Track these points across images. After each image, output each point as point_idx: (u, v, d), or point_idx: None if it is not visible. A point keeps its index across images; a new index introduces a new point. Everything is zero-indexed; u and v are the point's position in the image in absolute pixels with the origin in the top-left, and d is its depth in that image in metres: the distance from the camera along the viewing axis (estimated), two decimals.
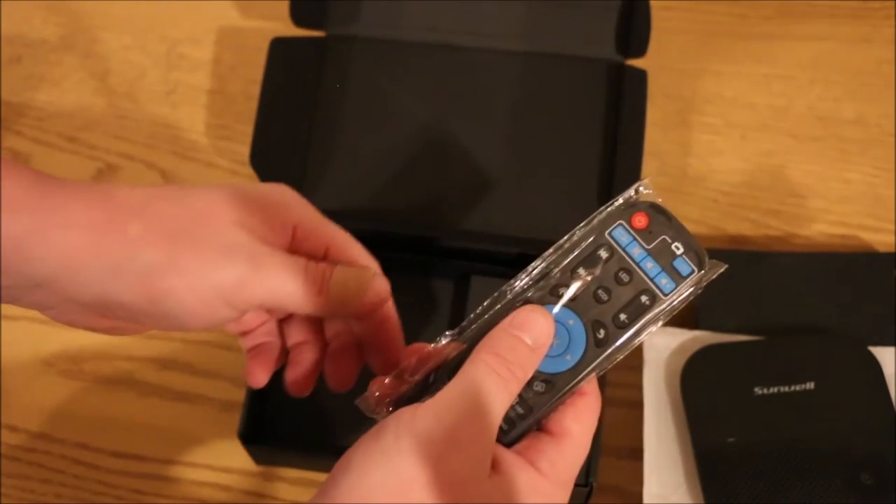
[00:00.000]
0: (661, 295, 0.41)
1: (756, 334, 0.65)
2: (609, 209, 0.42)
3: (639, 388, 0.64)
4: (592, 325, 0.41)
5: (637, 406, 0.63)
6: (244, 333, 0.50)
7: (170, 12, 0.79)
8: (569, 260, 0.41)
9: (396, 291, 0.68)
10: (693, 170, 0.73)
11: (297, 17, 0.72)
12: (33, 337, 0.69)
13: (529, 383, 0.40)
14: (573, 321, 0.41)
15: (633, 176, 0.67)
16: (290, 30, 0.72)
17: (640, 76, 0.70)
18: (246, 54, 0.77)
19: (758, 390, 0.61)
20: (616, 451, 0.64)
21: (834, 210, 0.72)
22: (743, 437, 0.60)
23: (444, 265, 0.67)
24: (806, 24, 0.77)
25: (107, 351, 0.69)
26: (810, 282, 0.67)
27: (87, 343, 0.69)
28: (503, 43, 0.72)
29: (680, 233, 0.41)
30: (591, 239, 0.41)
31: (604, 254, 0.41)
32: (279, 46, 0.71)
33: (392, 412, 0.40)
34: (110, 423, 0.67)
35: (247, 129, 0.71)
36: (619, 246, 0.41)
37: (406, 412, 0.38)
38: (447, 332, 0.42)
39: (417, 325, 0.67)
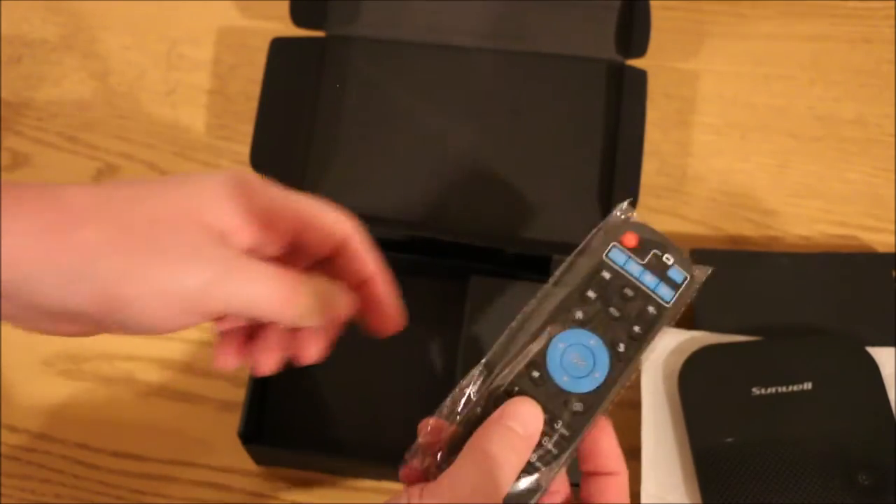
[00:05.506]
0: (664, 304, 0.44)
1: (754, 334, 0.65)
2: (598, 234, 0.45)
3: (637, 388, 0.64)
4: (612, 342, 0.43)
5: (635, 406, 0.63)
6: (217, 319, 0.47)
7: (170, 12, 0.79)
8: (576, 286, 0.44)
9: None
10: (693, 170, 0.73)
11: (297, 17, 0.72)
12: (33, 337, 0.68)
13: (567, 405, 0.43)
14: (594, 341, 0.43)
15: (634, 176, 0.68)
16: (290, 30, 0.72)
17: (640, 76, 0.70)
18: (246, 54, 0.77)
19: (755, 391, 0.61)
20: None
21: (834, 210, 0.72)
22: (740, 438, 0.60)
23: (444, 265, 0.67)
24: (806, 24, 0.77)
25: (107, 351, 0.69)
26: (809, 282, 0.67)
27: (87, 343, 0.69)
28: (503, 43, 0.72)
29: (667, 245, 0.45)
30: (592, 264, 0.44)
31: (606, 275, 0.44)
32: (279, 46, 0.71)
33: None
34: (110, 423, 0.67)
35: (247, 129, 0.71)
36: (618, 265, 0.44)
37: (415, 490, 0.40)
38: (482, 361, 0.44)
39: (417, 324, 0.67)
